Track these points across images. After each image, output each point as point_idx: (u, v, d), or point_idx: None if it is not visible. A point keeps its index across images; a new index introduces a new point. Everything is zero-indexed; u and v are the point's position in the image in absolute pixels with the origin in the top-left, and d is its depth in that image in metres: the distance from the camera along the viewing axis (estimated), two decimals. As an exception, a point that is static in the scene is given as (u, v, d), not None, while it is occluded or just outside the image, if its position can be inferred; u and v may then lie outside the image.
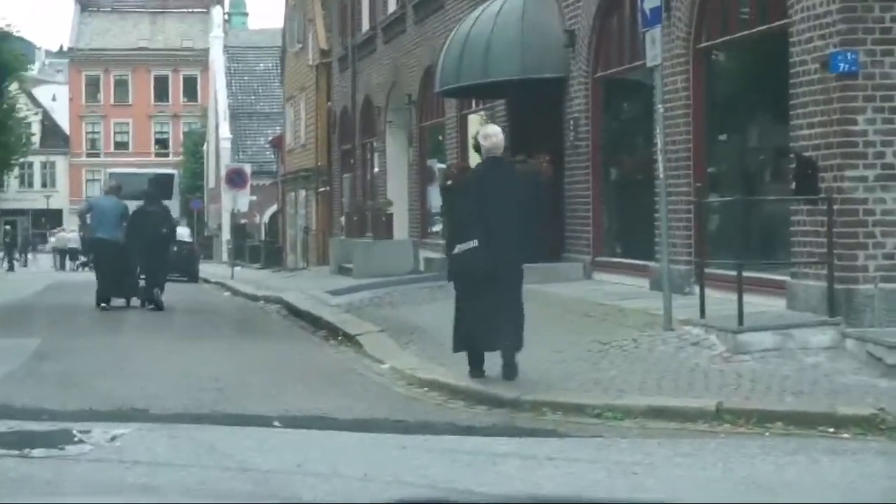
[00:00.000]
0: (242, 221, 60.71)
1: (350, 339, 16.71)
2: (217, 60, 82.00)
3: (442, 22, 28.59)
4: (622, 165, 20.50)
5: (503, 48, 21.77)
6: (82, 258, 64.44)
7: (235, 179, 42.62)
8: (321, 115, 44.97)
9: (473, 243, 11.91)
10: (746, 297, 13.00)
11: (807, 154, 13.54)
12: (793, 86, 13.94)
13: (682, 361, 12.52)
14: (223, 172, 59.73)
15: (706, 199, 14.34)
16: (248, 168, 43.80)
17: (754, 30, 15.38)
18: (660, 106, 14.21)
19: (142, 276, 23.48)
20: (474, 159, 18.78)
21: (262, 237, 65.85)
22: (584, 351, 13.58)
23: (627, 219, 20.11)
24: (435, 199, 31.04)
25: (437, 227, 30.82)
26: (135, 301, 23.41)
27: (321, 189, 45.01)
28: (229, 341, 18.03)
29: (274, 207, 64.12)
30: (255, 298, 27.65)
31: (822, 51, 13.32)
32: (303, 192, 50.00)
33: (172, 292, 26.27)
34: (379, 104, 35.57)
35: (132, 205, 24.17)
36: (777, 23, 14.57)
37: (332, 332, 17.95)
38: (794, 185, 13.69)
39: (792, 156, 13.78)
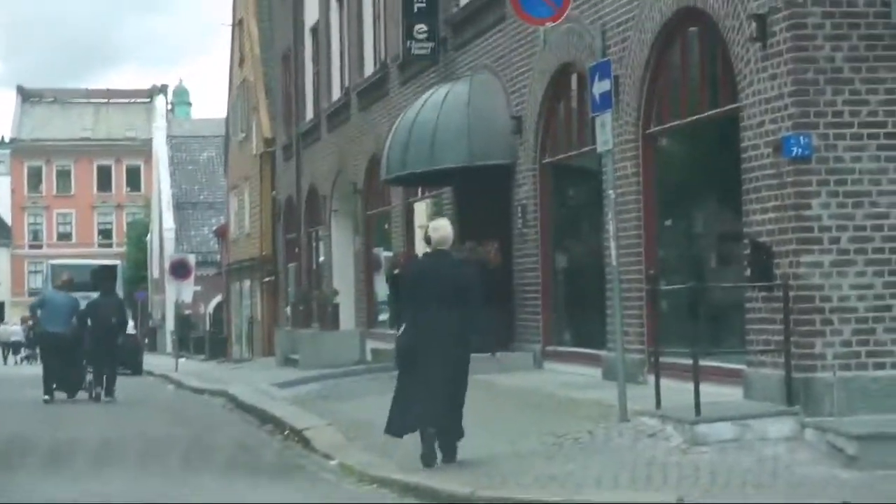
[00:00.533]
0: (187, 312, 60.25)
1: (297, 434, 16.25)
2: (160, 150, 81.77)
3: (386, 109, 28.43)
4: (571, 252, 20.26)
5: (450, 135, 21.58)
6: (26, 351, 63.87)
7: (179, 270, 42.12)
8: (265, 204, 44.66)
9: (413, 329, 12.37)
10: (702, 387, 12.69)
11: (761, 240, 13.32)
12: (745, 170, 13.75)
13: (639, 454, 12.17)
14: (167, 263, 59.56)
15: (659, 287, 14.06)
16: (192, 259, 43.32)
17: (704, 114, 15.19)
18: (611, 191, 13.98)
19: (90, 368, 24.15)
20: (423, 249, 18.43)
21: (207, 328, 65.27)
22: (539, 443, 13.20)
23: (578, 306, 19.82)
24: (381, 289, 30.72)
25: (384, 317, 30.49)
26: (81, 394, 23.96)
27: (266, 279, 44.62)
28: (170, 435, 17.52)
29: (219, 298, 63.63)
30: (199, 392, 27.11)
31: (774, 135, 13.14)
32: (247, 282, 49.60)
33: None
34: (324, 192, 35.30)
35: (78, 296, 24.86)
36: (728, 107, 14.40)
37: (279, 426, 17.49)
38: (749, 272, 13.46)
39: (746, 241, 13.56)
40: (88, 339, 23.82)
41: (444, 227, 12.79)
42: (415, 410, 12.37)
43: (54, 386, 23.70)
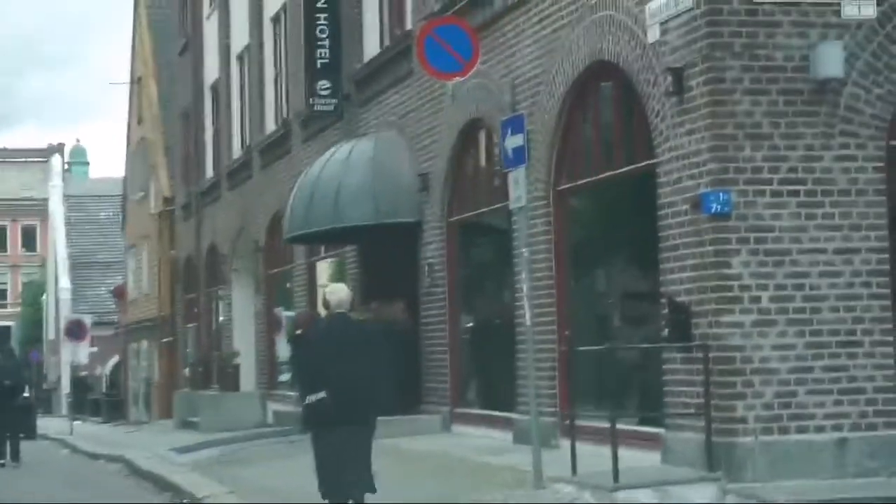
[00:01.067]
0: (83, 373, 58.87)
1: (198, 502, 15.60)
2: (56, 210, 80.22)
3: (289, 167, 27.90)
4: (480, 311, 19.80)
5: (354, 193, 21.09)
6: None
7: (75, 331, 41.10)
8: (164, 263, 43.85)
9: (322, 395, 12.05)
10: (620, 451, 12.22)
11: (679, 298, 12.94)
12: (662, 227, 13.38)
13: (558, 523, 11.69)
14: (62, 324, 58.33)
15: (575, 348, 13.63)
16: (88, 319, 42.29)
17: (619, 170, 14.81)
18: (524, 250, 13.52)
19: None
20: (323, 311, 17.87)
21: (104, 389, 63.94)
22: (451, 512, 12.70)
23: (487, 367, 19.34)
24: (282, 349, 30.09)
25: (285, 377, 29.84)
26: None
27: (164, 339, 43.72)
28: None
29: (116, 359, 62.39)
30: (95, 457, 26.25)
31: (692, 191, 12.80)
32: (145, 343, 48.61)
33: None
34: (224, 251, 34.64)
35: None
36: (643, 163, 14.03)
37: (179, 494, 16.79)
38: (666, 332, 13.07)
39: (664, 300, 13.17)
40: None
41: (341, 290, 12.79)
42: (348, 479, 12.12)
43: None
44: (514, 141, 13.28)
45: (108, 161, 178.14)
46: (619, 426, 12.65)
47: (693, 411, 12.71)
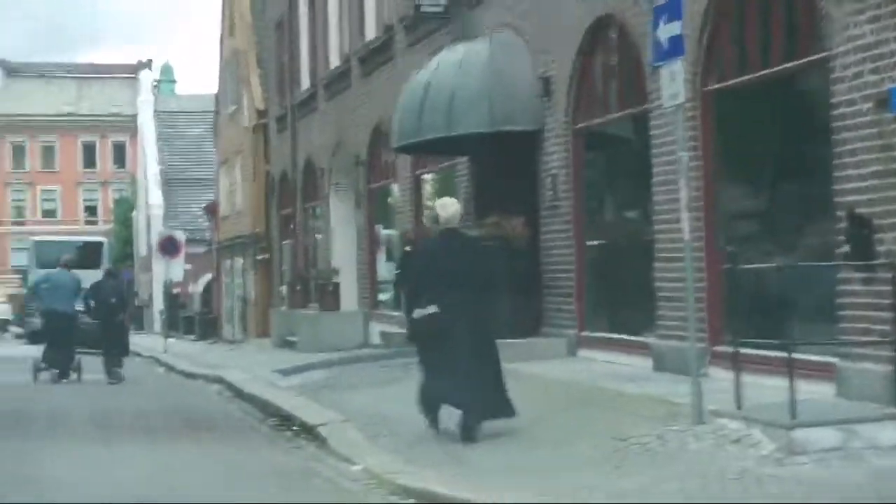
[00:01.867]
0: (176, 291, 58.07)
1: (309, 431, 14.29)
2: (146, 125, 79.62)
3: (392, 75, 26.42)
4: (608, 227, 18.28)
5: (469, 99, 19.59)
6: (16, 329, 62.84)
7: (168, 247, 40.19)
8: (258, 179, 42.63)
9: (433, 309, 12.06)
10: (780, 382, 10.71)
11: (860, 211, 11.37)
12: (836, 130, 11.78)
13: (726, 465, 10.17)
14: (155, 240, 57.58)
15: (737, 266, 12.07)
16: (181, 235, 41.36)
17: (782, 66, 13.16)
18: (683, 154, 11.94)
19: (99, 351, 24.90)
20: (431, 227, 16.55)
21: (196, 307, 63.26)
22: (597, 449, 11.26)
23: (617, 288, 17.81)
24: (383, 268, 28.83)
25: (385, 296, 28.59)
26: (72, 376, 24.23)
27: (259, 257, 42.60)
28: (163, 434, 15.53)
29: (208, 276, 61.57)
30: (192, 376, 25.17)
31: (876, 87, 11.19)
32: (239, 261, 47.53)
33: (97, 370, 24.59)
34: (322, 165, 33.31)
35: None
36: (813, 56, 12.42)
37: (286, 421, 15.53)
38: (846, 249, 11.52)
39: (842, 213, 11.60)
40: (94, 320, 25.09)
41: (451, 204, 12.63)
42: (446, 387, 12.17)
43: (44, 365, 24.25)
44: (669, 29, 11.65)
45: (196, 79, 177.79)
46: (781, 354, 11.11)
47: (876, 339, 11.18)
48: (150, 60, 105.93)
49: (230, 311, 49.96)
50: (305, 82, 35.94)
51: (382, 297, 28.96)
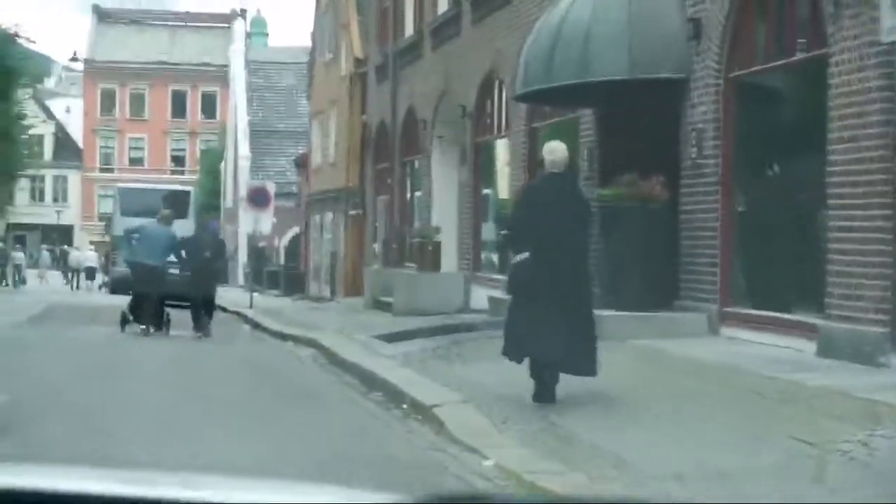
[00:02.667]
0: (261, 244, 56.54)
1: (423, 412, 12.34)
2: (238, 75, 78.12)
3: (508, 19, 24.35)
4: (766, 190, 16.14)
5: (606, 42, 17.47)
6: (103, 279, 61.77)
7: (258, 199, 38.33)
8: (354, 130, 40.75)
9: (526, 255, 11.72)
10: None
11: None
12: None
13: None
14: (242, 192, 56.07)
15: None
16: (271, 186, 39.54)
17: None
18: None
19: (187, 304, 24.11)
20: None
21: (281, 262, 61.69)
22: (784, 455, 9.23)
23: (773, 260, 15.64)
24: (487, 233, 26.91)
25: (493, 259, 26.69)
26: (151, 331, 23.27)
27: (352, 212, 40.75)
28: (258, 406, 13.64)
29: (294, 231, 59.97)
30: (281, 337, 23.34)
31: None
32: (330, 215, 45.75)
33: (185, 325, 23.38)
34: (425, 117, 31.32)
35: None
36: None
37: (395, 397, 13.60)
38: None
39: None
40: (185, 274, 24.26)
41: (558, 149, 12.18)
42: (542, 339, 11.60)
43: (131, 318, 23.58)
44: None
45: (288, 32, 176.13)
46: None
47: None
48: (243, 10, 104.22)
49: (318, 268, 48.25)
50: (409, 29, 33.96)
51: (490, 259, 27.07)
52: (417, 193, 32.39)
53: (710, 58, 16.29)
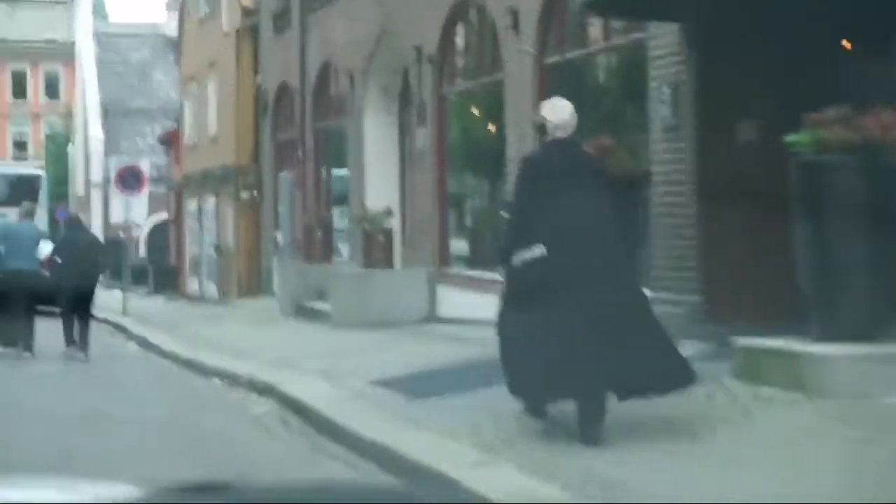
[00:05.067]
0: (121, 235, 49.20)
1: None
2: (85, 50, 71.14)
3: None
4: None
5: None
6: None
7: (129, 181, 31.01)
8: (244, 96, 33.53)
9: (539, 250, 8.71)
10: None
11: None
12: None
13: None
14: (95, 177, 49.16)
15: None
16: (145, 165, 32.32)
17: None
18: None
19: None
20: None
21: (143, 254, 54.50)
22: None
23: None
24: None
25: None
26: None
27: (244, 194, 33.50)
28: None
29: (156, 218, 52.59)
30: (197, 370, 16.22)
31: None
32: (212, 200, 38.38)
33: (48, 338, 18.56)
34: (351, 69, 24.39)
35: None
36: None
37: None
38: None
39: None
40: (59, 282, 19.30)
41: (563, 107, 9.31)
42: (574, 365, 8.53)
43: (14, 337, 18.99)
44: None
45: (128, 14, 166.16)
46: None
47: None
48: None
49: (196, 262, 40.98)
50: (321, -38, 27.06)
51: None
52: (340, 170, 25.51)
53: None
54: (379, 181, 23.46)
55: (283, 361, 14.70)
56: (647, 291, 13.33)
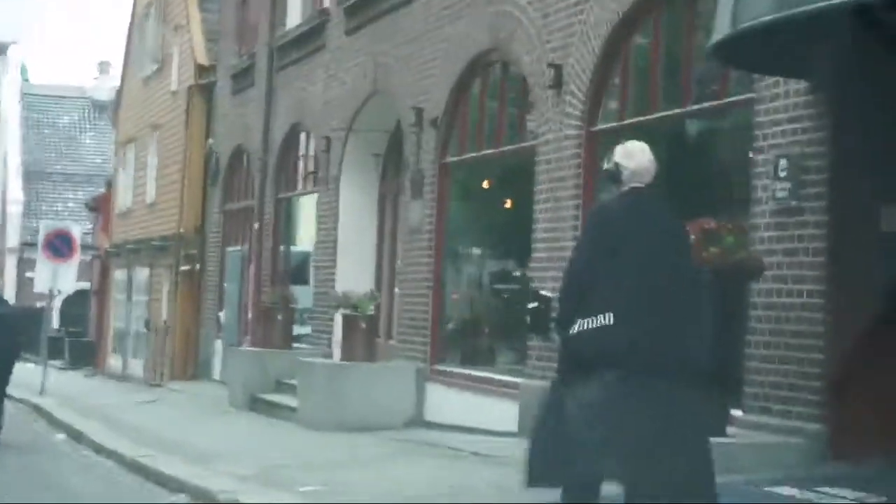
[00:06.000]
0: (39, 304, 45.84)
1: None
2: (10, 109, 68.00)
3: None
4: None
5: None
6: None
7: (59, 246, 27.84)
8: (192, 159, 30.49)
9: (606, 319, 7.17)
10: None
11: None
12: None
13: None
14: (11, 242, 45.92)
15: None
16: (76, 230, 29.12)
17: None
18: None
19: None
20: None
21: (58, 326, 51.09)
22: None
23: None
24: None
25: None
26: None
27: (184, 267, 30.36)
28: None
29: (73, 288, 49.31)
30: (156, 479, 13.08)
31: None
32: (145, 271, 35.12)
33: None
34: (327, 133, 21.53)
35: None
36: None
37: None
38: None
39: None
40: None
41: (643, 152, 7.64)
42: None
43: None
44: None
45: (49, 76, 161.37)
46: None
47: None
48: (15, 39, 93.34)
49: (121, 337, 37.66)
50: (295, 17, 24.27)
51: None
52: (320, 240, 22.46)
53: None
54: (351, 260, 20.62)
55: (269, 475, 11.66)
56: (738, 412, 10.69)
